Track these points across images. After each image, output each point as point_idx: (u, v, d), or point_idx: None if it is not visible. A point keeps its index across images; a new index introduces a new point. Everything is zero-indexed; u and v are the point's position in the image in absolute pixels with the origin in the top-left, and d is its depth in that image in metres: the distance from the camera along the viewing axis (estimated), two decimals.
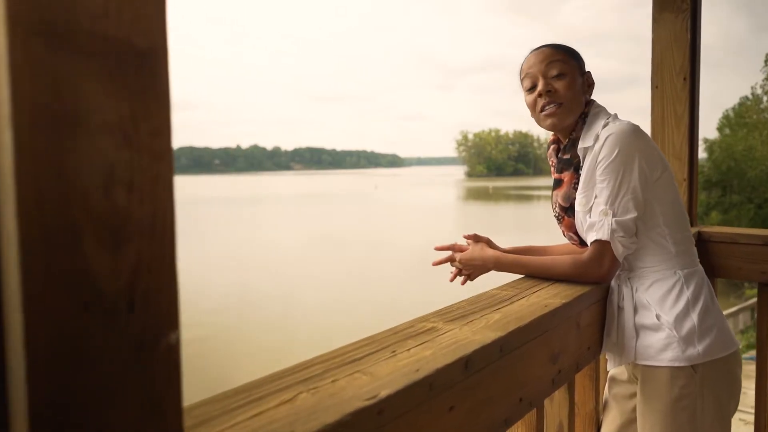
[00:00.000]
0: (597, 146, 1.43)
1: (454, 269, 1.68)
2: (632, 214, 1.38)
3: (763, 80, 31.31)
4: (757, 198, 26.69)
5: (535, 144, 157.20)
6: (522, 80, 1.57)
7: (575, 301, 1.30)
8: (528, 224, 40.73)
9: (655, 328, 1.38)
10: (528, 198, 70.98)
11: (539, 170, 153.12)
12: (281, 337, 14.18)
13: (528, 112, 1.59)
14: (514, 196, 74.12)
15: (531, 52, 1.57)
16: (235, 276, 21.69)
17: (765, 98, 32.05)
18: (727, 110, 34.24)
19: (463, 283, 1.65)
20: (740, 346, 1.46)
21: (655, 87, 2.44)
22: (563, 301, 1.27)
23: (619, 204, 1.38)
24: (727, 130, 32.82)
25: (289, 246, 29.30)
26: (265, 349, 13.27)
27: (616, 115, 1.51)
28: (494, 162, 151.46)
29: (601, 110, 1.53)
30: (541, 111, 1.53)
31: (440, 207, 56.64)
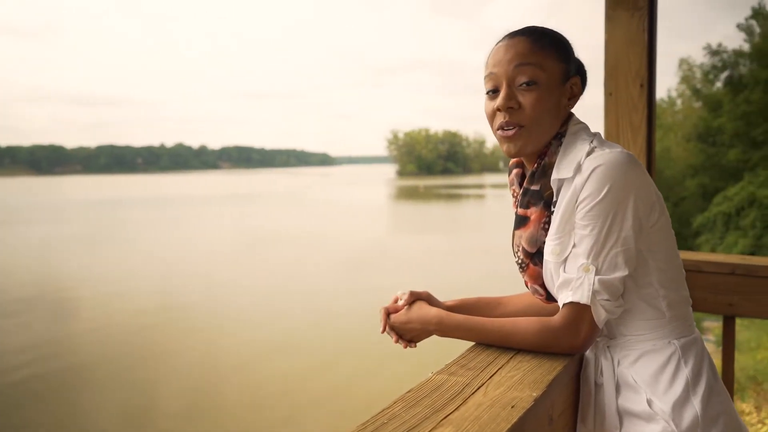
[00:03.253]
0: (579, 179, 1.09)
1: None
2: (621, 272, 1.06)
3: (677, 84, 32.84)
4: (673, 196, 27.94)
5: (464, 143, 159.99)
6: (484, 78, 1.20)
7: (549, 390, 0.97)
8: (459, 223, 41.11)
9: (647, 418, 1.07)
10: (457, 197, 71.87)
11: (468, 169, 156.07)
12: (207, 350, 13.44)
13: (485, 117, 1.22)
14: (444, 195, 74.92)
15: (503, 40, 1.19)
16: (159, 283, 20.59)
17: (679, 101, 33.67)
18: None
19: (405, 347, 1.28)
20: None
21: (608, 94, 2.16)
22: (534, 393, 0.93)
23: (605, 258, 1.05)
24: None
25: (218, 249, 28.20)
26: (188, 365, 12.47)
27: (599, 135, 1.18)
28: (424, 161, 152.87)
29: (582, 128, 1.20)
30: (498, 129, 1.18)
31: (373, 206, 56.37)
